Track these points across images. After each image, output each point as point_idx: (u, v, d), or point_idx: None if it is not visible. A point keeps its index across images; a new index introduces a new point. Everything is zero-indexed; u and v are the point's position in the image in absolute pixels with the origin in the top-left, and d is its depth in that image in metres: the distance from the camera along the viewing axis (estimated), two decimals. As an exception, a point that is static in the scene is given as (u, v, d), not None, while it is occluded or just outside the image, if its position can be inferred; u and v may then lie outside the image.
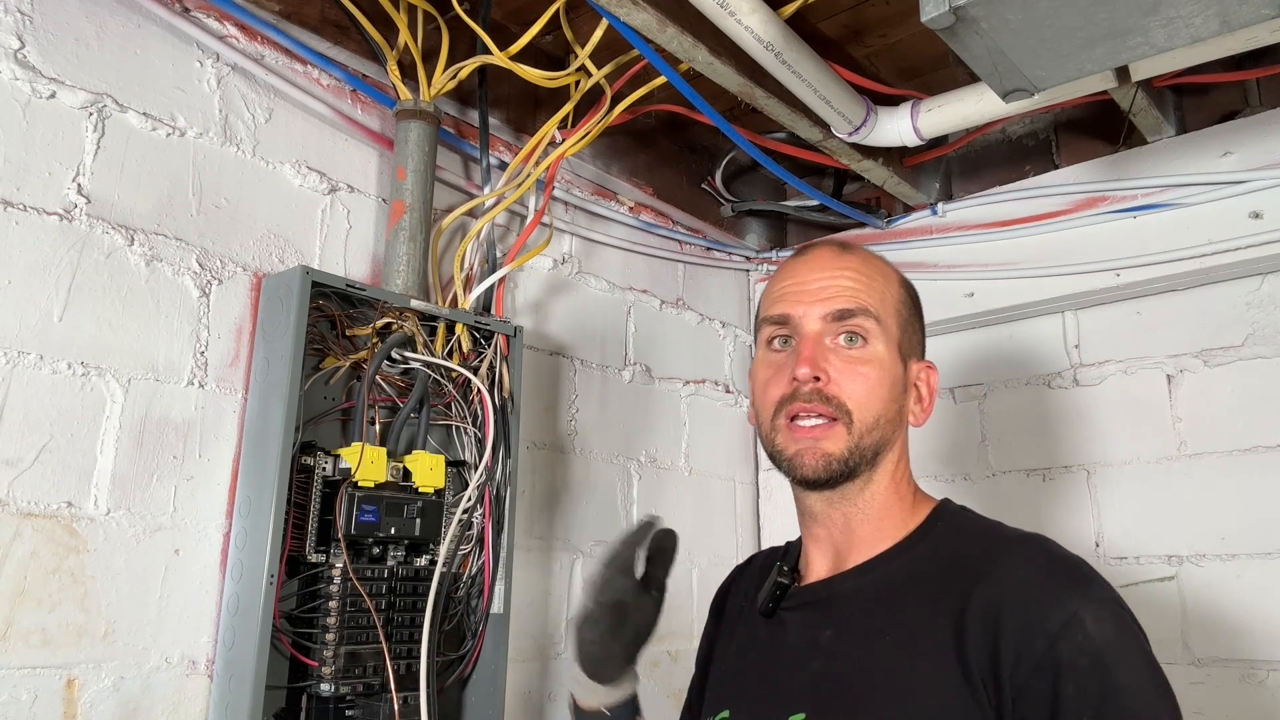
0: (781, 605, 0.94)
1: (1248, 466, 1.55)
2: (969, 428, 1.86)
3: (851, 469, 0.89)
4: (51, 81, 1.09)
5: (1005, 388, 1.84)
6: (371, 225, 1.39)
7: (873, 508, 0.92)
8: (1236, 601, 1.52)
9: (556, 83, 1.39)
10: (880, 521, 0.92)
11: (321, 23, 1.33)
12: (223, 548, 1.14)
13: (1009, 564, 0.82)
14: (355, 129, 1.37)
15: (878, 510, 0.92)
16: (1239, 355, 1.59)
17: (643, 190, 1.80)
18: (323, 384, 1.23)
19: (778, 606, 0.94)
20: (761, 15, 1.19)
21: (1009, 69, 1.00)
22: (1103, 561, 1.65)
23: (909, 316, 0.97)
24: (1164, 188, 1.58)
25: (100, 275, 1.10)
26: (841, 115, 1.42)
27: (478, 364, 1.36)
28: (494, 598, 1.31)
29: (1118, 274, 1.62)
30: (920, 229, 1.85)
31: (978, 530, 0.91)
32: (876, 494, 0.92)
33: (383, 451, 1.19)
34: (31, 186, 1.06)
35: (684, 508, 1.83)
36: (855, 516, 0.92)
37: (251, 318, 1.22)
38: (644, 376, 1.81)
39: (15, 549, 0.99)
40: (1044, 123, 1.81)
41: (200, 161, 1.21)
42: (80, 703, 1.01)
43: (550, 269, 1.65)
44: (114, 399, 1.09)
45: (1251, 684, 1.48)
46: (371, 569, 1.19)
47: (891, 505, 0.92)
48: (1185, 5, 0.87)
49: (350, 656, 1.14)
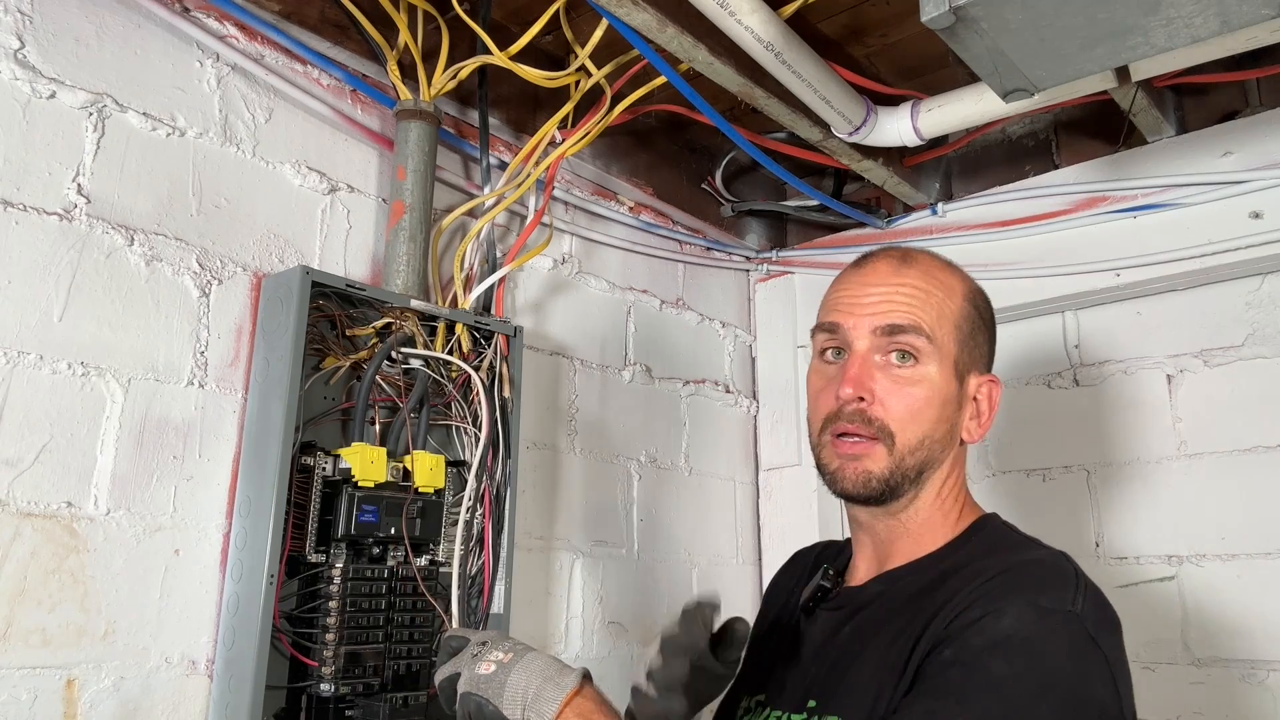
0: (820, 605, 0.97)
1: (1248, 466, 1.55)
2: (969, 428, 1.86)
3: (893, 488, 0.91)
4: (51, 81, 1.09)
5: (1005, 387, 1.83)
6: (371, 225, 1.39)
7: (915, 522, 0.93)
8: (1236, 601, 1.52)
9: (556, 83, 1.39)
10: (921, 535, 0.93)
11: (321, 23, 1.33)
12: (223, 548, 1.14)
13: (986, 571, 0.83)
14: (355, 129, 1.37)
15: (920, 524, 0.93)
16: (1239, 355, 1.59)
17: (643, 190, 1.80)
18: (323, 384, 1.23)
19: (817, 607, 0.97)
20: (761, 15, 1.19)
21: (1009, 69, 1.00)
22: (1103, 561, 1.66)
23: (972, 330, 0.95)
24: (1164, 188, 1.58)
25: (100, 275, 1.10)
26: (841, 115, 1.42)
27: (478, 364, 1.36)
28: (494, 598, 1.31)
29: (1118, 274, 1.62)
30: (920, 229, 1.85)
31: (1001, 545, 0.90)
32: (920, 509, 0.93)
33: (383, 451, 1.19)
34: (31, 186, 1.06)
35: (684, 508, 1.83)
36: (897, 529, 0.94)
37: (251, 318, 1.22)
38: (644, 376, 1.81)
39: (15, 549, 0.99)
40: (1044, 123, 1.81)
41: (200, 161, 1.21)
42: (80, 703, 1.01)
43: (550, 269, 1.65)
44: (114, 399, 1.09)
45: (1251, 684, 1.48)
46: (371, 569, 1.19)
47: (935, 520, 0.93)
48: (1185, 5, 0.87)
49: (350, 656, 1.14)
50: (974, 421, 0.95)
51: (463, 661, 0.93)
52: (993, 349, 0.98)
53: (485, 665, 0.91)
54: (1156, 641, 1.58)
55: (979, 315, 0.96)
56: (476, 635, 0.97)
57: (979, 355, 0.96)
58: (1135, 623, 1.59)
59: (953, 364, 0.92)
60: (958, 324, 0.93)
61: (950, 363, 0.92)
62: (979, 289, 0.99)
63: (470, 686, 0.90)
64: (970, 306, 0.96)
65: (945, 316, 0.93)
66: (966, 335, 0.94)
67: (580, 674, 0.88)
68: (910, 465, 0.90)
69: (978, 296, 0.98)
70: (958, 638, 0.77)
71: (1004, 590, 0.79)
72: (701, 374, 1.94)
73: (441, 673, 0.95)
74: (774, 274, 2.07)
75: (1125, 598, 1.63)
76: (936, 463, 0.92)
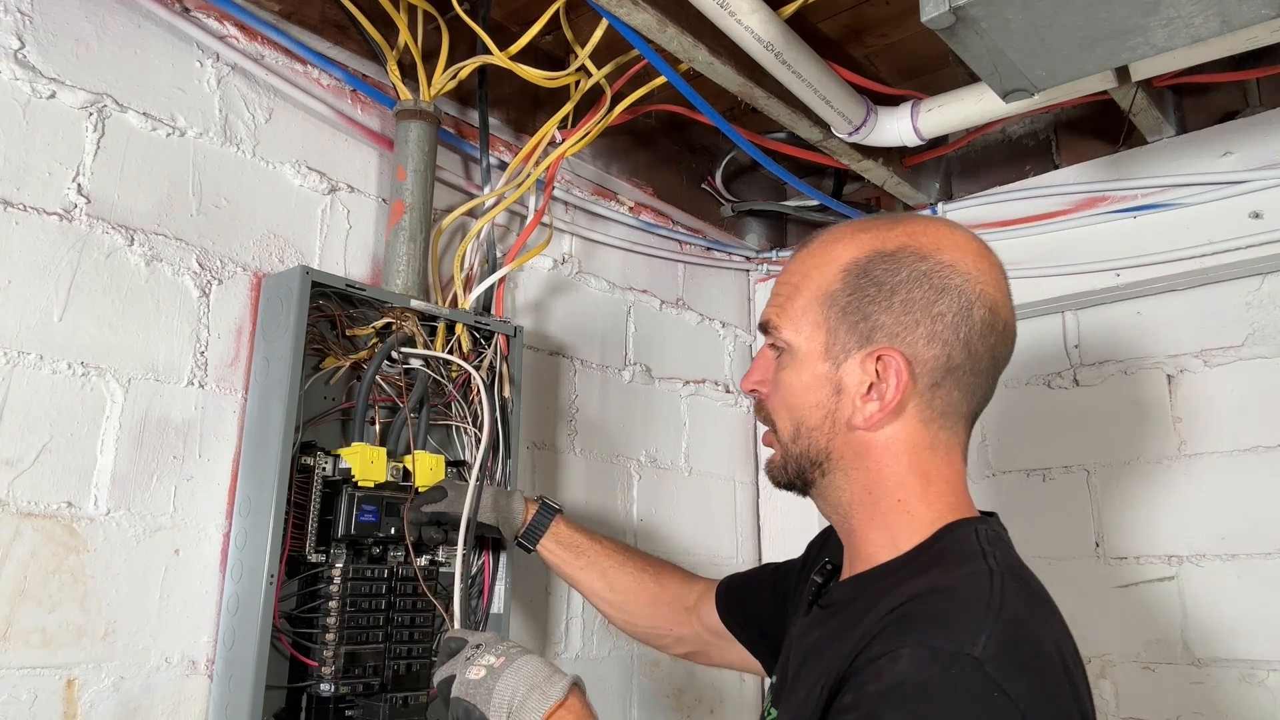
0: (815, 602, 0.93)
1: (1248, 466, 1.55)
2: (969, 428, 1.86)
3: (795, 478, 0.89)
4: (51, 81, 1.09)
5: (1005, 388, 1.83)
6: (371, 225, 1.39)
7: (856, 518, 0.86)
8: (1236, 601, 1.52)
9: (556, 83, 1.39)
10: (873, 534, 0.85)
11: (321, 23, 1.33)
12: (223, 548, 1.14)
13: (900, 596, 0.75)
14: (355, 129, 1.37)
15: (864, 521, 0.86)
16: (1239, 355, 1.59)
17: (643, 190, 1.80)
18: (323, 384, 1.23)
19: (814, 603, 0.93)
20: (761, 15, 1.19)
21: (1009, 69, 1.00)
22: (1103, 561, 1.66)
23: (852, 302, 0.84)
24: (1164, 188, 1.58)
25: (100, 275, 1.10)
26: (841, 115, 1.42)
27: (478, 364, 1.36)
28: (494, 598, 1.31)
29: (1118, 274, 1.62)
30: (920, 229, 1.85)
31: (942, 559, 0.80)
32: (850, 504, 0.86)
33: (383, 451, 1.19)
34: (31, 186, 1.06)
35: (684, 508, 1.83)
36: (843, 526, 0.89)
37: (251, 318, 1.22)
38: (644, 376, 1.81)
39: (15, 549, 0.99)
40: (1044, 123, 1.81)
41: (200, 161, 1.21)
42: (80, 703, 1.01)
43: (550, 269, 1.65)
44: (114, 399, 1.09)
45: (1251, 684, 1.48)
46: (371, 569, 1.19)
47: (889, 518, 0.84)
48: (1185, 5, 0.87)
49: (350, 656, 1.14)
50: (871, 403, 0.83)
51: (457, 664, 0.93)
52: (900, 317, 0.83)
53: (476, 670, 0.91)
54: (1156, 641, 1.58)
55: (873, 282, 0.84)
56: (474, 637, 0.98)
57: (868, 329, 0.83)
58: (1135, 623, 1.60)
59: (822, 348, 0.85)
60: (831, 300, 0.85)
61: (820, 346, 0.85)
62: (878, 252, 0.85)
63: (460, 691, 0.91)
64: (854, 277, 0.84)
65: (817, 296, 0.86)
66: (846, 307, 0.84)
67: (568, 683, 0.88)
68: (797, 455, 0.87)
69: (876, 262, 0.84)
70: (857, 680, 0.71)
71: (902, 627, 0.71)
72: (701, 374, 1.94)
73: (439, 674, 0.95)
74: (774, 274, 2.07)
75: (1125, 598, 1.63)
76: (832, 452, 0.85)
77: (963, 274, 0.83)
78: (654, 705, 1.67)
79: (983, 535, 0.81)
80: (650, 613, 1.27)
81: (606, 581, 1.26)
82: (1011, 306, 0.88)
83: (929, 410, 0.84)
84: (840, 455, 0.85)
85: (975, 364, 0.84)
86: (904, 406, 0.83)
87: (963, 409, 0.86)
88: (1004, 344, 0.87)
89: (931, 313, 0.82)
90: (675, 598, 1.26)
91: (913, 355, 0.82)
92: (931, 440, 0.85)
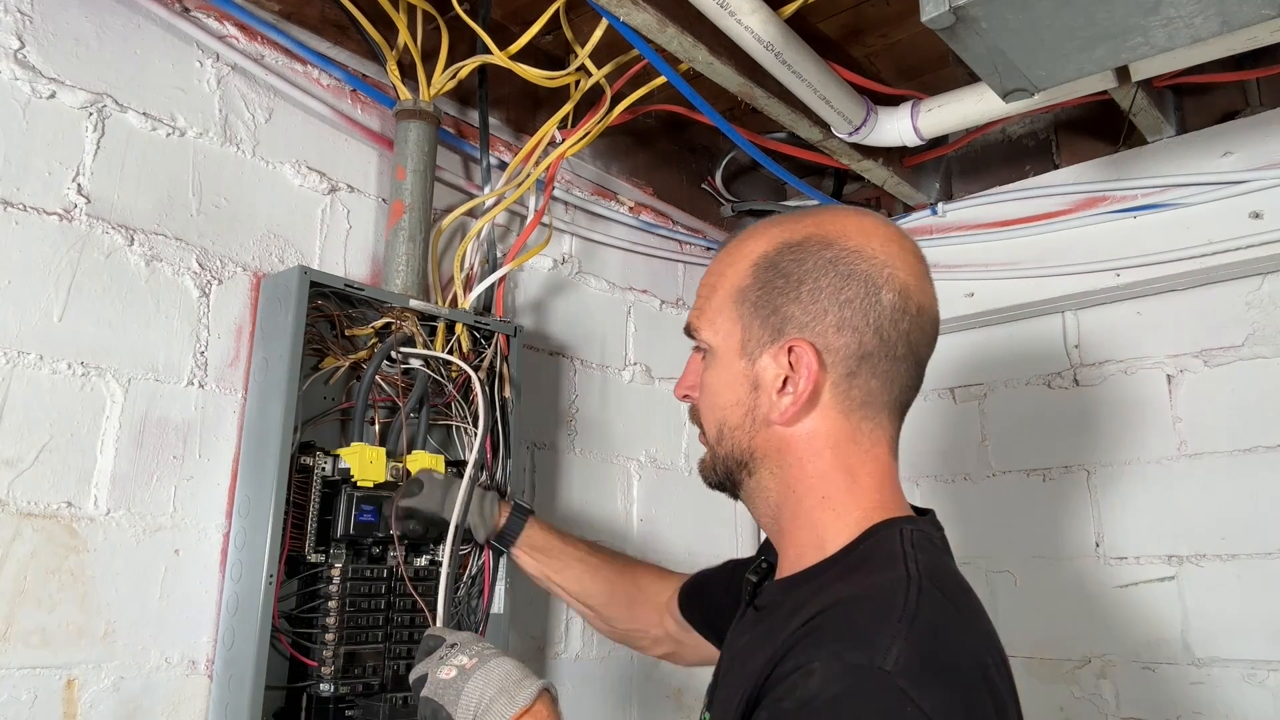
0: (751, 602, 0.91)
1: (1248, 466, 1.55)
2: (969, 428, 1.86)
3: (724, 479, 0.89)
4: (51, 81, 1.09)
5: (1005, 388, 1.84)
6: (371, 225, 1.39)
7: (783, 519, 0.85)
8: (1236, 601, 1.52)
9: (556, 83, 1.39)
10: (797, 532, 0.83)
11: (321, 23, 1.33)
12: (222, 548, 1.14)
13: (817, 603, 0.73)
14: (355, 129, 1.37)
15: (788, 518, 0.84)
16: (1239, 355, 1.59)
17: (643, 190, 1.80)
18: (322, 384, 1.23)
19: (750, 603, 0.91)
20: (761, 15, 1.19)
21: (1009, 69, 1.00)
22: (1103, 561, 1.66)
23: (763, 296, 0.83)
24: (1164, 188, 1.58)
25: (100, 275, 1.10)
26: (841, 115, 1.42)
27: (478, 364, 1.36)
28: (494, 598, 1.31)
29: (1118, 274, 1.62)
30: (920, 229, 1.85)
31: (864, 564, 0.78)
32: (770, 501, 0.85)
33: (382, 451, 1.19)
34: (31, 186, 1.06)
35: (684, 508, 1.83)
36: (769, 526, 0.88)
37: (251, 318, 1.22)
38: (644, 376, 1.81)
39: (15, 549, 0.99)
40: (1044, 123, 1.81)
41: (200, 161, 1.21)
42: (80, 703, 1.01)
43: (550, 269, 1.65)
44: (114, 399, 1.09)
45: (1251, 684, 1.48)
46: (371, 569, 1.19)
47: (803, 513, 0.83)
48: (1185, 5, 0.87)
49: (350, 656, 1.14)
50: (786, 396, 0.81)
51: (431, 663, 0.93)
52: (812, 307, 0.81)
53: (447, 670, 0.91)
54: (1156, 641, 1.58)
55: (781, 274, 0.82)
56: (451, 636, 0.97)
57: (777, 322, 0.82)
58: (1135, 623, 1.60)
59: (738, 345, 0.84)
60: (740, 297, 0.84)
61: (736, 344, 0.84)
62: (792, 242, 0.83)
63: (430, 690, 0.90)
64: (763, 271, 0.83)
65: (728, 296, 0.85)
66: (757, 302, 0.83)
67: (537, 689, 0.87)
68: (724, 456, 0.87)
69: (784, 253, 0.83)
70: (772, 696, 0.69)
71: (815, 639, 0.69)
72: (701, 374, 1.94)
73: (414, 672, 0.95)
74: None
75: (1125, 598, 1.63)
76: (755, 450, 0.84)
77: (869, 259, 0.81)
78: (654, 705, 1.67)
79: (908, 538, 0.78)
80: (628, 614, 1.26)
81: (582, 585, 1.25)
82: (929, 292, 0.85)
83: (847, 401, 0.81)
84: (764, 454, 0.84)
85: (890, 350, 0.81)
86: (818, 398, 0.81)
87: (884, 398, 0.83)
88: (919, 329, 0.83)
89: (839, 299, 0.80)
90: (650, 597, 1.25)
91: (823, 345, 0.80)
92: (854, 432, 0.82)
